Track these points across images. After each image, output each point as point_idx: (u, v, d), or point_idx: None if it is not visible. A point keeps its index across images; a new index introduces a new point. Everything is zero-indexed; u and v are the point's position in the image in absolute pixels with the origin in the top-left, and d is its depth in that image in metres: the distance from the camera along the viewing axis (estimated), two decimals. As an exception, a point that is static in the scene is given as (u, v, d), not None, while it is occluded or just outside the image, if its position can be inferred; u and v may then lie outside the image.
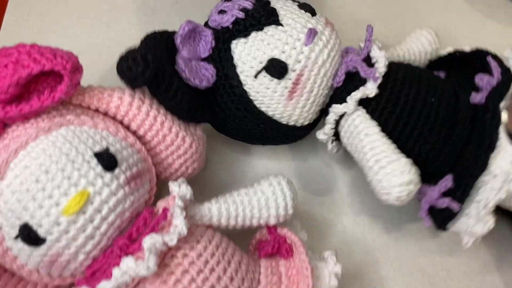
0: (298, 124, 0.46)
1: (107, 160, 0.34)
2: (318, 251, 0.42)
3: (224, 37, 0.43)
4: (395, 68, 0.45)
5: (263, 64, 0.42)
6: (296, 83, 0.43)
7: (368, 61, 0.45)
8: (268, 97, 0.43)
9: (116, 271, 0.32)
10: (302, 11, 0.44)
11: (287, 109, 0.44)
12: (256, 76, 0.42)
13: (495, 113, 0.43)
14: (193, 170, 0.44)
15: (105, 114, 0.38)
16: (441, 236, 0.49)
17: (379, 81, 0.43)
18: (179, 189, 0.38)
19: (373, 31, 0.46)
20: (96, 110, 0.38)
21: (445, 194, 0.43)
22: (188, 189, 0.38)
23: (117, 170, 0.35)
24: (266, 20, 0.42)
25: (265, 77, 0.42)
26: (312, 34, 0.42)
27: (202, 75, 0.42)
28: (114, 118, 0.39)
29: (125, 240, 0.34)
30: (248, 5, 0.43)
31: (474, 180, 0.42)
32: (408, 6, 0.62)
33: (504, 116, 0.42)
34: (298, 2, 0.45)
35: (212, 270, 0.35)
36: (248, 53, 0.42)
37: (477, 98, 0.44)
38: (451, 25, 0.62)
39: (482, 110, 0.43)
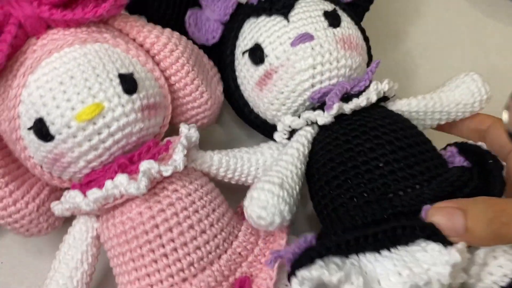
0: (264, 116, 0.45)
1: (128, 82, 0.36)
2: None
3: (246, 12, 0.45)
4: (374, 116, 0.40)
5: (251, 45, 0.43)
6: (266, 76, 0.42)
7: (357, 95, 0.40)
8: (243, 77, 0.44)
9: (108, 183, 0.34)
10: (322, 19, 0.42)
11: (256, 98, 0.44)
12: (243, 54, 0.44)
13: (408, 235, 0.32)
14: (202, 124, 0.45)
15: (140, 45, 0.40)
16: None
17: (332, 112, 0.39)
18: (188, 131, 0.39)
19: (377, 65, 0.42)
20: (133, 40, 0.40)
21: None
22: (196, 133, 0.40)
23: (135, 95, 0.36)
24: (278, 10, 0.43)
25: (247, 57, 0.43)
26: (303, 38, 0.41)
27: (205, 35, 0.46)
28: (147, 52, 0.40)
29: (125, 160, 0.36)
30: None
31: (326, 252, 0.32)
32: (408, 6, 0.61)
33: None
34: (332, 8, 0.43)
35: (195, 211, 0.37)
36: (250, 30, 0.44)
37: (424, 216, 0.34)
38: (451, 25, 0.61)
39: (411, 223, 0.33)
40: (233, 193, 0.42)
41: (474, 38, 0.60)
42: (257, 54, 0.42)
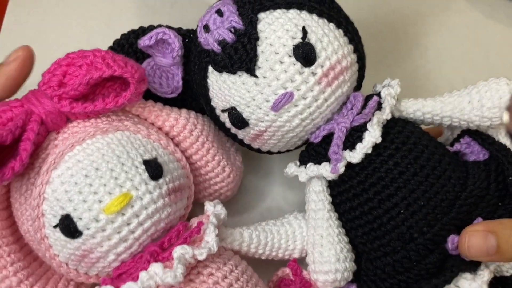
0: (273, 151, 0.42)
1: (154, 168, 0.35)
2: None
3: (204, 58, 0.38)
4: (388, 152, 0.37)
5: (228, 107, 0.38)
6: (256, 136, 0.39)
7: (359, 131, 0.37)
8: (234, 130, 0.40)
9: (143, 275, 0.32)
10: (293, 59, 0.35)
11: (252, 145, 0.41)
12: (223, 112, 0.39)
13: (444, 283, 0.35)
14: (225, 197, 0.45)
15: (159, 129, 0.40)
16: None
17: (338, 173, 0.37)
18: (214, 208, 0.38)
19: (376, 103, 0.38)
20: (152, 124, 0.40)
21: None
22: (223, 210, 0.38)
23: (161, 180, 0.35)
24: (240, 67, 0.36)
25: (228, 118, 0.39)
26: (284, 99, 0.35)
27: (167, 85, 0.41)
28: (166, 134, 0.40)
29: (156, 248, 0.34)
30: (229, 37, 0.36)
31: None
32: (408, 6, 0.60)
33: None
34: (301, 38, 0.36)
35: None
36: (219, 88, 0.38)
37: (453, 244, 0.35)
38: (451, 25, 0.60)
39: (439, 261, 0.36)
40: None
41: (474, 38, 0.59)
42: (235, 120, 0.38)
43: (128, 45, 0.42)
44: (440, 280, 0.35)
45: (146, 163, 0.35)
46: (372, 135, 0.36)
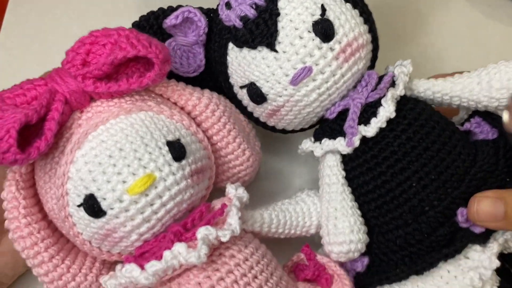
0: (287, 129, 0.43)
1: (177, 149, 0.35)
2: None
3: (224, 35, 0.39)
4: (400, 127, 0.38)
5: (247, 82, 0.39)
6: (274, 111, 0.40)
7: (374, 106, 0.38)
8: (251, 107, 0.41)
9: (167, 254, 0.32)
10: (312, 35, 0.36)
11: (268, 122, 0.42)
12: (241, 88, 0.40)
13: (455, 252, 0.36)
14: (243, 181, 0.44)
15: (182, 108, 0.39)
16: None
17: (353, 147, 0.38)
18: (236, 191, 0.38)
19: (392, 77, 0.40)
20: (174, 103, 0.39)
21: (355, 271, 0.40)
22: (245, 193, 0.38)
23: (184, 161, 0.35)
24: (261, 41, 0.37)
25: (247, 94, 0.39)
26: (303, 74, 0.36)
27: (187, 65, 0.41)
28: (188, 114, 0.39)
29: (180, 228, 0.34)
30: (251, 13, 0.37)
31: (378, 285, 0.38)
32: (408, 6, 0.60)
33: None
34: (320, 15, 0.37)
35: (255, 276, 0.35)
36: (239, 64, 0.39)
37: (463, 217, 0.37)
38: (451, 25, 0.60)
39: (450, 233, 0.37)
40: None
41: (474, 38, 0.59)
42: (254, 95, 0.39)
43: (149, 27, 0.41)
44: (450, 250, 0.36)
45: (170, 144, 0.35)
46: (387, 110, 0.37)
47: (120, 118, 0.35)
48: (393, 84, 0.40)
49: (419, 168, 0.37)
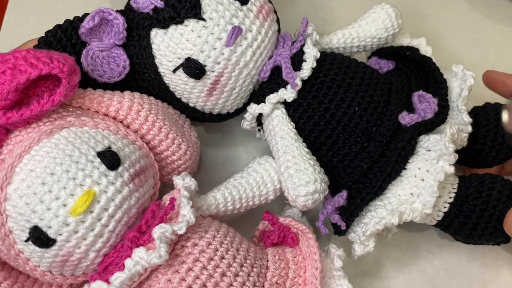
0: (223, 112, 0.44)
1: (110, 158, 0.34)
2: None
3: (144, 24, 0.39)
4: (326, 66, 0.42)
5: (181, 61, 0.38)
6: (214, 83, 0.40)
7: (299, 56, 0.41)
8: (187, 91, 0.40)
9: (128, 262, 0.32)
10: (231, 0, 0.38)
11: (208, 103, 0.42)
12: (174, 71, 0.39)
13: (409, 144, 0.40)
14: None
15: (105, 115, 0.38)
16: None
17: (297, 87, 0.40)
18: (183, 181, 0.37)
19: (307, 24, 0.43)
20: (96, 112, 0.38)
21: (338, 209, 0.41)
22: (192, 181, 0.37)
23: (120, 168, 0.34)
24: (187, 13, 0.37)
25: (182, 73, 0.39)
26: (235, 33, 0.38)
27: (110, 70, 0.40)
28: (114, 119, 0.38)
29: (135, 233, 0.34)
30: None
31: (363, 205, 0.40)
32: (408, 6, 0.60)
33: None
34: None
35: (222, 257, 0.35)
36: (167, 46, 0.38)
37: (405, 119, 0.40)
38: (451, 25, 0.60)
39: (401, 134, 0.40)
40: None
41: (474, 38, 0.60)
42: (193, 69, 0.38)
43: (56, 41, 0.39)
44: (403, 142, 0.40)
45: (100, 154, 0.34)
46: (312, 52, 0.41)
47: (43, 143, 0.33)
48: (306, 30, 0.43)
49: (355, 94, 0.41)
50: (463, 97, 0.42)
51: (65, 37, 0.39)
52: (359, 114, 0.40)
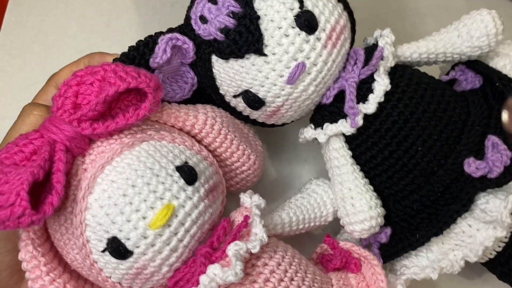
0: (287, 122, 0.43)
1: (188, 173, 0.34)
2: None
3: (205, 49, 0.37)
4: (396, 96, 0.38)
5: (241, 90, 0.37)
6: (273, 112, 0.39)
7: (368, 82, 0.38)
8: (247, 112, 0.40)
9: (203, 278, 0.32)
10: (296, 30, 0.35)
11: (267, 121, 0.41)
12: (234, 97, 0.39)
13: (463, 207, 0.37)
14: (252, 183, 0.44)
15: (180, 129, 0.38)
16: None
17: (358, 126, 0.38)
18: (251, 200, 0.37)
19: (382, 52, 0.39)
20: (172, 126, 0.38)
21: (379, 243, 0.40)
22: (260, 199, 0.38)
23: (197, 183, 0.34)
24: (248, 49, 0.35)
25: (242, 101, 0.38)
26: (298, 70, 0.35)
27: (179, 88, 0.39)
28: (188, 133, 0.39)
29: (208, 249, 0.34)
30: (230, 23, 0.35)
31: (402, 254, 0.39)
32: (408, 6, 0.60)
33: (504, 116, 0.38)
34: (299, 7, 0.35)
35: (291, 279, 0.35)
36: (226, 75, 0.37)
37: (471, 167, 0.37)
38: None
39: (461, 188, 0.37)
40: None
41: None
42: (252, 101, 0.37)
43: (140, 57, 0.38)
44: (457, 205, 0.37)
45: (179, 169, 0.34)
46: (382, 84, 0.37)
47: (124, 154, 0.33)
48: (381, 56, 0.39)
49: (421, 132, 0.37)
50: None
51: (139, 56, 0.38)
52: (422, 154, 0.37)
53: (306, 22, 0.35)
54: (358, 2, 0.60)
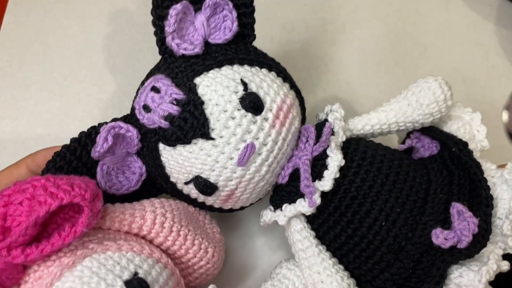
0: (245, 206, 0.41)
1: (138, 287, 0.31)
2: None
3: (151, 138, 0.36)
4: (352, 170, 0.37)
5: (191, 176, 0.36)
6: (228, 196, 0.37)
7: (322, 159, 0.37)
8: (201, 198, 0.38)
9: None
10: (243, 111, 0.34)
11: (225, 206, 0.39)
12: (186, 184, 0.37)
13: (438, 282, 0.34)
14: (212, 276, 0.41)
15: (127, 232, 0.35)
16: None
17: (316, 205, 0.36)
18: None
19: (330, 128, 0.38)
20: (117, 231, 0.35)
21: None
22: None
23: None
24: (194, 134, 0.34)
25: (193, 188, 0.37)
26: (247, 152, 0.34)
27: (127, 179, 0.38)
28: (136, 235, 0.35)
29: None
30: (174, 110, 0.34)
31: None
32: (408, 6, 0.60)
33: (504, 116, 0.37)
34: (243, 90, 0.35)
35: None
36: (175, 161, 0.35)
37: (439, 238, 0.35)
38: (451, 25, 0.60)
39: (432, 261, 0.35)
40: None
41: (474, 38, 0.59)
42: (203, 187, 0.36)
43: (67, 164, 0.36)
44: (430, 285, 0.35)
45: (128, 283, 0.31)
46: (335, 159, 0.36)
47: (65, 277, 0.30)
48: (331, 132, 0.38)
49: (383, 205, 0.36)
50: (510, 219, 0.36)
51: (75, 159, 0.36)
52: (386, 229, 0.35)
53: (251, 103, 0.35)
54: (358, 1, 0.60)
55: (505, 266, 0.35)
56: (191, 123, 0.34)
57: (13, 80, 0.54)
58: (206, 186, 0.36)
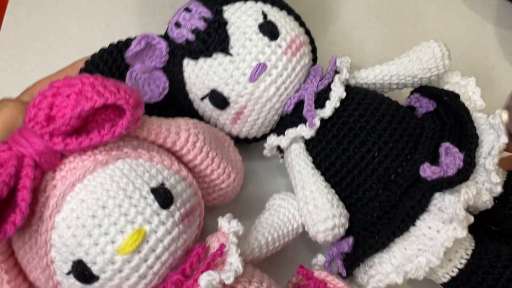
0: (249, 137, 0.44)
1: (163, 196, 0.32)
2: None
3: (178, 53, 0.40)
4: (352, 106, 0.40)
5: (208, 91, 0.40)
6: (238, 114, 0.41)
7: (326, 93, 0.41)
8: (214, 118, 0.42)
9: None
10: (260, 35, 0.39)
11: (232, 130, 0.43)
12: (202, 99, 0.41)
13: (418, 203, 0.37)
14: (229, 199, 0.42)
15: (160, 146, 0.36)
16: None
17: (315, 127, 0.40)
18: (229, 225, 0.35)
19: (336, 62, 0.43)
20: (152, 143, 0.36)
21: (342, 254, 0.40)
22: (239, 225, 0.36)
23: (172, 207, 0.32)
24: (215, 48, 0.39)
25: (209, 102, 0.40)
26: (259, 70, 0.38)
27: (151, 91, 0.40)
28: (168, 150, 0.36)
29: (179, 276, 0.32)
30: (201, 25, 0.39)
31: (364, 258, 0.38)
32: (408, 6, 0.60)
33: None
34: (263, 19, 0.40)
35: None
36: (196, 76, 0.40)
37: (426, 172, 0.38)
38: (451, 25, 0.59)
39: (415, 190, 0.38)
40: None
41: (473, 38, 0.59)
42: (217, 100, 0.40)
43: (103, 63, 0.40)
44: (413, 202, 0.37)
45: (154, 191, 0.32)
46: (337, 91, 0.40)
47: (97, 172, 0.31)
48: (337, 73, 0.43)
49: (377, 139, 0.39)
50: (492, 155, 0.39)
51: (111, 59, 0.40)
52: (378, 160, 0.39)
53: (269, 29, 0.39)
54: (358, 2, 0.59)
55: (485, 197, 0.38)
56: (213, 38, 0.39)
57: (13, 80, 0.53)
58: (219, 99, 0.40)
